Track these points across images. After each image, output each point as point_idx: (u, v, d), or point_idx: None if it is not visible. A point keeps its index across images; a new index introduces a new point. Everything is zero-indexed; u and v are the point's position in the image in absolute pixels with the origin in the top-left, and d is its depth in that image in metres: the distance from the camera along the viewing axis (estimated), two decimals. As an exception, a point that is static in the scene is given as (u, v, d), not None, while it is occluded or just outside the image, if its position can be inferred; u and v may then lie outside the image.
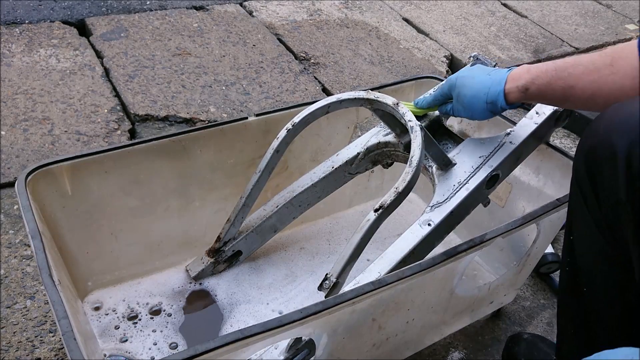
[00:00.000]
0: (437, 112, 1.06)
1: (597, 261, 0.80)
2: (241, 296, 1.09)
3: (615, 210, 0.73)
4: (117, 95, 1.63)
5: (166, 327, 1.01)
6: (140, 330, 1.00)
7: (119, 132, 1.50)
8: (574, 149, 1.74)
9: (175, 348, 0.98)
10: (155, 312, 1.04)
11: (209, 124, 1.06)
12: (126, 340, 0.98)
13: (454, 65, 2.14)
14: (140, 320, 1.02)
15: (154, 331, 1.00)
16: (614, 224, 0.74)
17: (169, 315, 1.04)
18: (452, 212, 0.91)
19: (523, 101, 0.88)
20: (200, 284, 1.10)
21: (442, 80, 1.14)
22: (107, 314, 1.02)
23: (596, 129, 0.75)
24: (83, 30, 1.94)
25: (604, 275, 0.79)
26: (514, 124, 1.04)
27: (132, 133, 1.52)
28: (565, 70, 0.80)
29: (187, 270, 1.11)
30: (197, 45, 1.92)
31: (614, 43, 2.48)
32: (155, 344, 0.99)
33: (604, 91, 0.78)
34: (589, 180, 0.76)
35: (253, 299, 1.09)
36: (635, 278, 0.73)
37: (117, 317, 1.02)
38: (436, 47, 2.20)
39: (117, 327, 1.00)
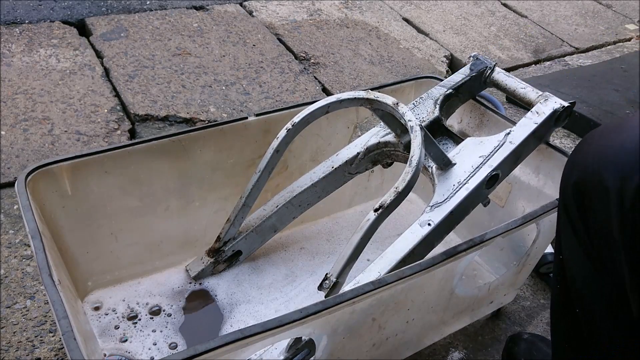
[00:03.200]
0: (437, 113, 1.06)
1: (589, 286, 0.77)
2: (241, 296, 1.09)
3: (608, 247, 0.70)
4: (117, 95, 1.63)
5: (166, 327, 1.02)
6: (140, 330, 1.00)
7: (119, 132, 1.50)
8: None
9: (175, 348, 0.98)
10: (155, 312, 1.04)
11: (209, 124, 1.06)
12: (126, 340, 0.98)
13: (454, 65, 2.14)
14: (140, 320, 1.02)
15: (153, 331, 1.00)
16: (607, 260, 0.71)
17: (169, 315, 1.04)
18: (452, 212, 0.91)
19: None
20: (200, 284, 1.10)
21: (442, 80, 1.14)
22: (107, 314, 1.02)
23: (584, 159, 0.72)
24: (83, 30, 1.94)
25: (597, 298, 0.77)
26: (514, 123, 1.04)
27: (132, 133, 1.52)
28: None
29: (187, 270, 1.11)
30: (197, 45, 1.92)
31: (614, 43, 2.49)
32: (155, 344, 0.99)
33: None
34: (578, 212, 0.73)
35: (253, 299, 1.09)
36: (633, 313, 0.71)
37: (117, 317, 1.02)
38: (436, 47, 2.20)
39: (117, 327, 1.00)
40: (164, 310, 1.04)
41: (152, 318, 1.03)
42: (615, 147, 0.67)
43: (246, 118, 1.09)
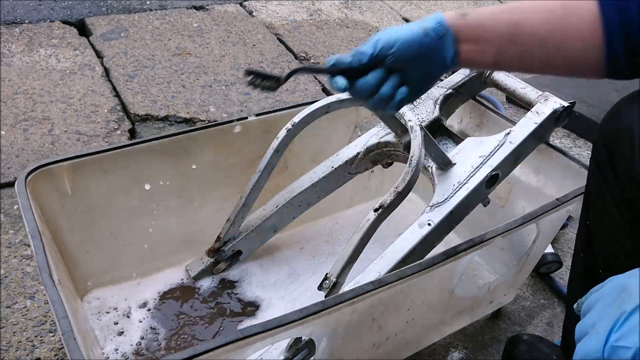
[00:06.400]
0: (437, 113, 1.06)
1: (616, 241, 0.79)
2: (245, 295, 1.09)
3: (632, 187, 0.74)
4: (117, 95, 1.63)
5: (167, 326, 1.01)
6: (141, 330, 1.00)
7: (119, 132, 1.50)
8: (574, 149, 1.75)
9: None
10: (155, 312, 1.04)
11: (209, 124, 1.06)
12: (126, 340, 0.98)
13: (454, 65, 2.14)
14: (140, 320, 1.02)
15: (154, 331, 1.00)
16: (631, 202, 0.75)
17: (169, 315, 1.03)
18: (451, 212, 0.91)
19: (461, 30, 0.72)
20: (200, 284, 1.10)
21: (442, 80, 1.14)
22: (107, 314, 1.02)
23: (616, 111, 0.76)
24: (83, 30, 1.94)
25: (626, 256, 0.79)
26: (514, 123, 1.04)
27: (132, 133, 1.52)
28: (510, 5, 0.73)
29: (187, 270, 1.11)
30: (197, 45, 1.92)
31: (614, 43, 2.48)
32: (156, 343, 0.98)
33: (558, 36, 0.71)
34: (608, 158, 0.77)
35: (257, 297, 1.09)
36: None
37: (117, 317, 1.02)
38: (436, 47, 2.20)
39: (117, 326, 1.00)
40: (164, 310, 1.04)
41: (153, 318, 1.03)
42: None
43: (246, 118, 1.09)
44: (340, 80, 0.70)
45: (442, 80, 1.15)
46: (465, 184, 0.94)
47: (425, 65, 0.73)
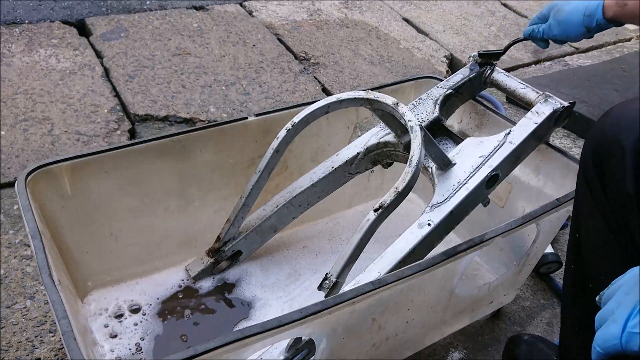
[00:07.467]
0: (437, 113, 1.06)
1: (605, 255, 0.79)
2: (245, 295, 1.09)
3: (622, 202, 0.74)
4: (117, 95, 1.64)
5: (167, 327, 1.01)
6: (141, 331, 1.00)
7: (118, 132, 1.50)
8: (574, 149, 1.75)
9: (175, 348, 0.98)
10: (155, 312, 1.04)
11: (209, 124, 1.06)
12: (126, 340, 0.98)
13: (453, 65, 2.14)
14: (140, 320, 1.02)
15: (155, 331, 1.00)
16: (621, 216, 0.75)
17: (170, 315, 1.03)
18: (451, 212, 0.91)
19: (618, 18, 0.94)
20: (200, 284, 1.10)
21: (442, 80, 1.15)
22: (107, 314, 1.02)
23: (604, 125, 0.77)
24: (83, 30, 1.94)
25: (613, 270, 0.79)
26: (514, 123, 1.04)
27: (132, 133, 1.52)
28: None
29: (187, 270, 1.11)
30: (197, 45, 1.92)
31: (614, 43, 2.49)
32: (157, 343, 0.98)
33: None
34: (596, 172, 0.77)
35: (257, 298, 1.09)
36: None
37: (117, 317, 1.02)
38: (436, 47, 2.20)
39: (117, 328, 1.00)
40: (164, 311, 1.04)
41: (152, 318, 1.03)
42: (633, 112, 0.73)
43: (246, 118, 1.09)
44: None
45: (442, 80, 1.15)
46: (465, 184, 0.94)
47: None
